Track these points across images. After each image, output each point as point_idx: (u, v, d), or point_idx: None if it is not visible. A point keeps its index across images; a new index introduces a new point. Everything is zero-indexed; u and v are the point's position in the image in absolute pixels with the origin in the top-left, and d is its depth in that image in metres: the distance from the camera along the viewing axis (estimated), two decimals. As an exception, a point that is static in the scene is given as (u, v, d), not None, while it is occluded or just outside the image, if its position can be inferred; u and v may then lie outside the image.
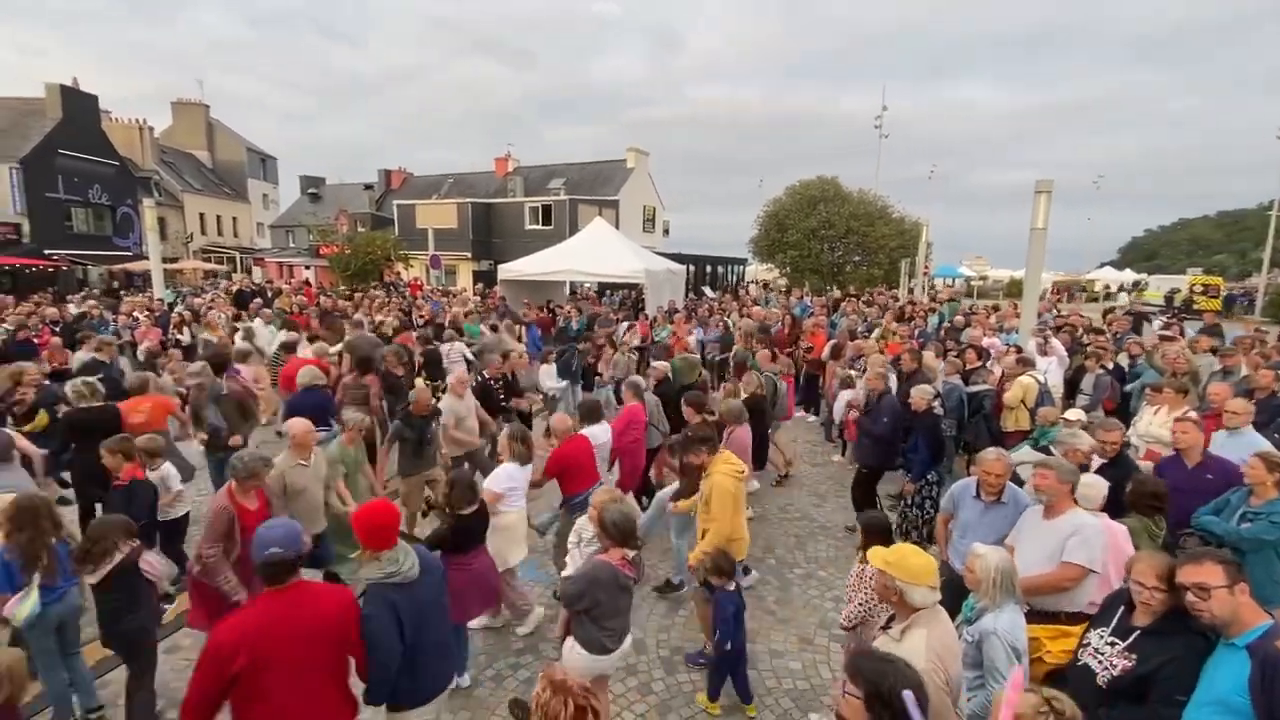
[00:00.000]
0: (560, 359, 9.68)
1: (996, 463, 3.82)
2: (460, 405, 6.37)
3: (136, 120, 37.05)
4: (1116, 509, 3.79)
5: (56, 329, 11.35)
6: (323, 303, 15.32)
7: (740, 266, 37.36)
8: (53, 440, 5.63)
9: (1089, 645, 2.70)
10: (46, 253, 26.30)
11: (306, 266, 37.18)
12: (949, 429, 6.77)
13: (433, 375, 8.31)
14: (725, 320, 13.09)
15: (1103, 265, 54.93)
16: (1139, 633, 2.52)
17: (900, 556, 2.57)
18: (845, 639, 3.81)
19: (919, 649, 2.38)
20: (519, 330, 12.28)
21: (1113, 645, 2.58)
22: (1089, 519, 3.39)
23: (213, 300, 16.80)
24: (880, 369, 6.84)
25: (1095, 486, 3.69)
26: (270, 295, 17.90)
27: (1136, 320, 14.17)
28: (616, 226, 22.86)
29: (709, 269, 33.13)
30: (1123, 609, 2.65)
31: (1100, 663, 2.59)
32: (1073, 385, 8.15)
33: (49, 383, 6.65)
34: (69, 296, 18.38)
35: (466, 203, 34.15)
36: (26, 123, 27.72)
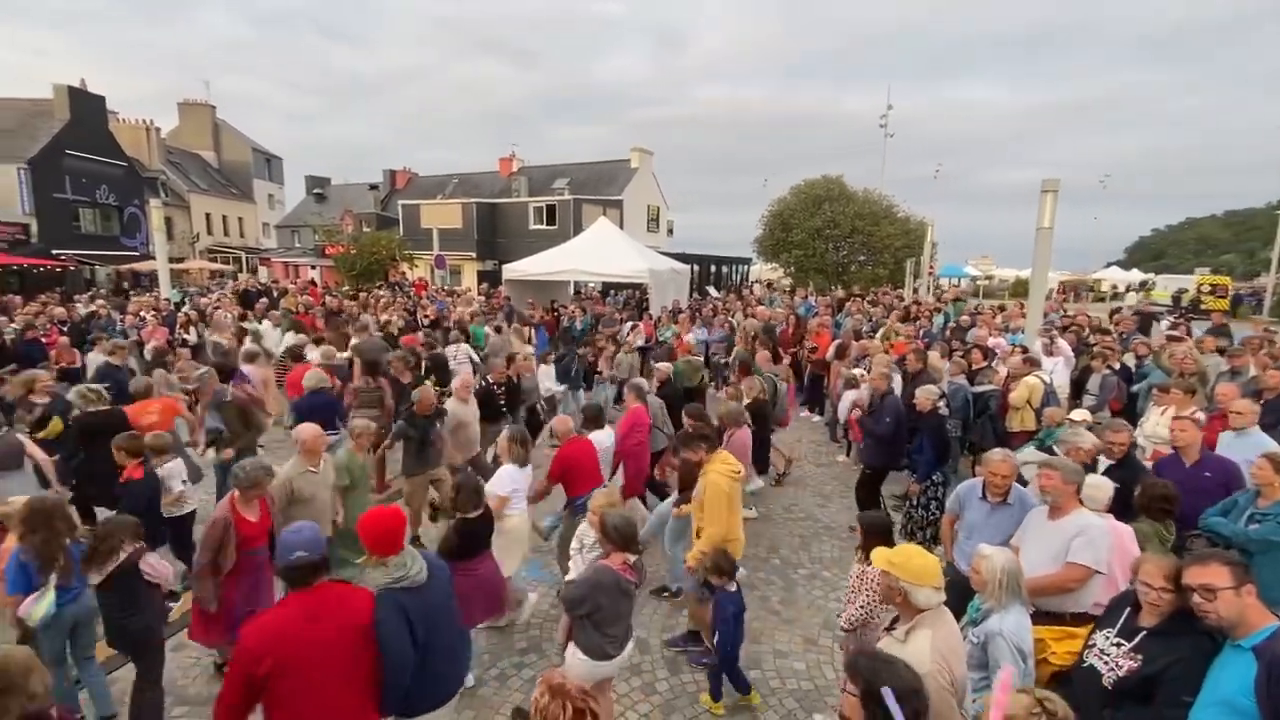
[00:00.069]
0: (559, 363, 9.69)
1: (1002, 464, 3.81)
2: (465, 410, 6.39)
3: (143, 121, 37.26)
4: (1125, 511, 3.77)
5: (64, 329, 11.42)
6: (328, 303, 15.36)
7: (744, 266, 37.32)
8: (64, 445, 5.62)
9: (1094, 646, 2.69)
10: (54, 253, 26.44)
11: (312, 266, 37.33)
12: (954, 429, 6.76)
13: (440, 380, 8.15)
14: (730, 320, 13.08)
15: (1109, 265, 54.49)
16: (1145, 633, 2.52)
17: (905, 557, 2.57)
18: (843, 639, 3.80)
19: (924, 650, 2.38)
20: (528, 332, 12.06)
21: (1119, 646, 2.58)
22: (1094, 519, 3.37)
23: (219, 300, 16.86)
24: (884, 368, 6.82)
25: (1101, 487, 3.68)
26: (276, 295, 17.97)
27: (1145, 320, 14.08)
28: (621, 226, 22.84)
29: (713, 269, 33.10)
30: (1129, 610, 2.64)
31: (1106, 664, 2.58)
32: (1079, 385, 8.11)
33: (59, 384, 6.67)
34: (76, 296, 18.47)
35: (471, 203, 34.19)
36: (35, 123, 27.89)
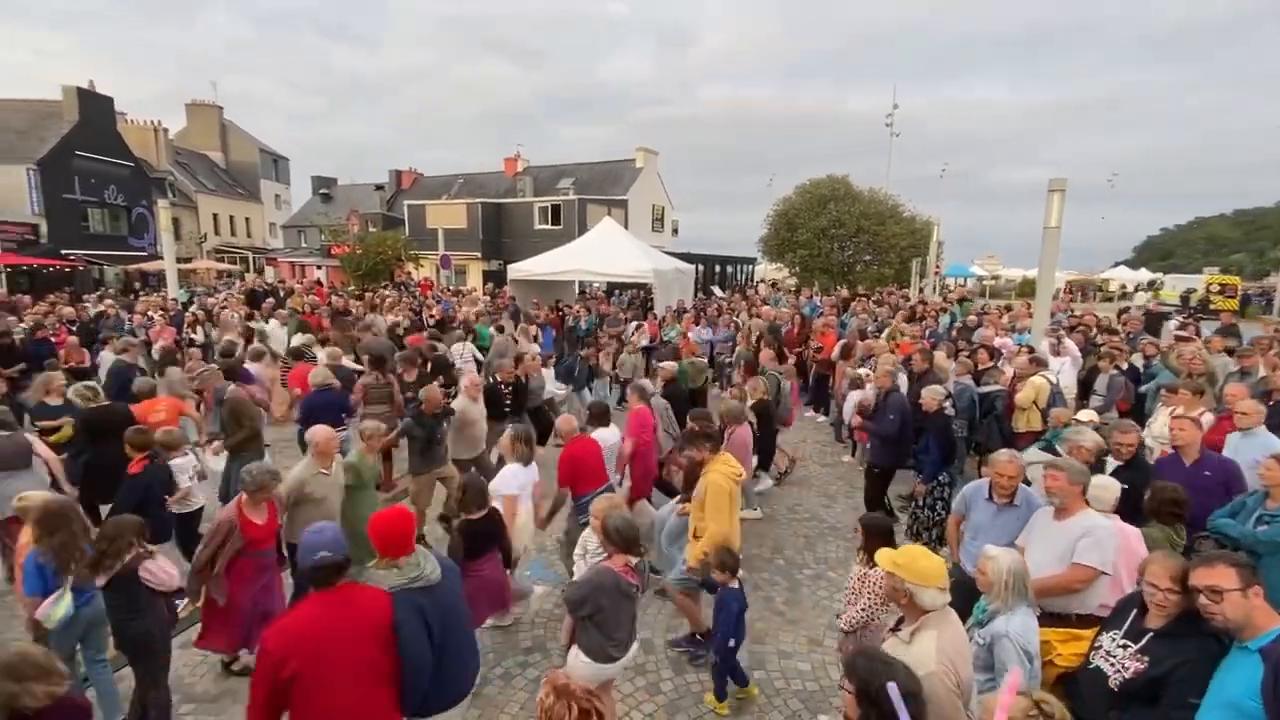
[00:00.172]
0: (561, 364, 9.71)
1: (1009, 464, 3.80)
2: (474, 408, 6.41)
3: (151, 122, 37.54)
4: (1135, 513, 3.75)
5: (73, 328, 11.51)
6: (334, 302, 15.43)
7: (749, 266, 37.29)
8: (71, 444, 5.67)
9: (1101, 648, 2.68)
10: (63, 253, 26.67)
11: (318, 266, 37.51)
12: (960, 430, 6.72)
13: (445, 381, 8.22)
14: (735, 320, 13.07)
15: (1117, 264, 54.18)
16: (1151, 635, 2.51)
17: (910, 558, 2.56)
18: (841, 640, 3.79)
19: (929, 652, 2.37)
20: (534, 331, 12.06)
21: (1125, 648, 2.57)
22: (1101, 520, 3.36)
23: (226, 300, 16.97)
24: (889, 366, 6.81)
25: (1108, 488, 3.65)
26: (283, 295, 18.05)
27: (1155, 320, 13.99)
28: (625, 226, 22.85)
29: (718, 268, 33.10)
30: (1135, 611, 2.63)
31: (1112, 665, 2.57)
32: (1086, 386, 8.05)
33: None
34: (85, 296, 18.60)
35: (476, 203, 34.29)
36: (44, 125, 28.13)
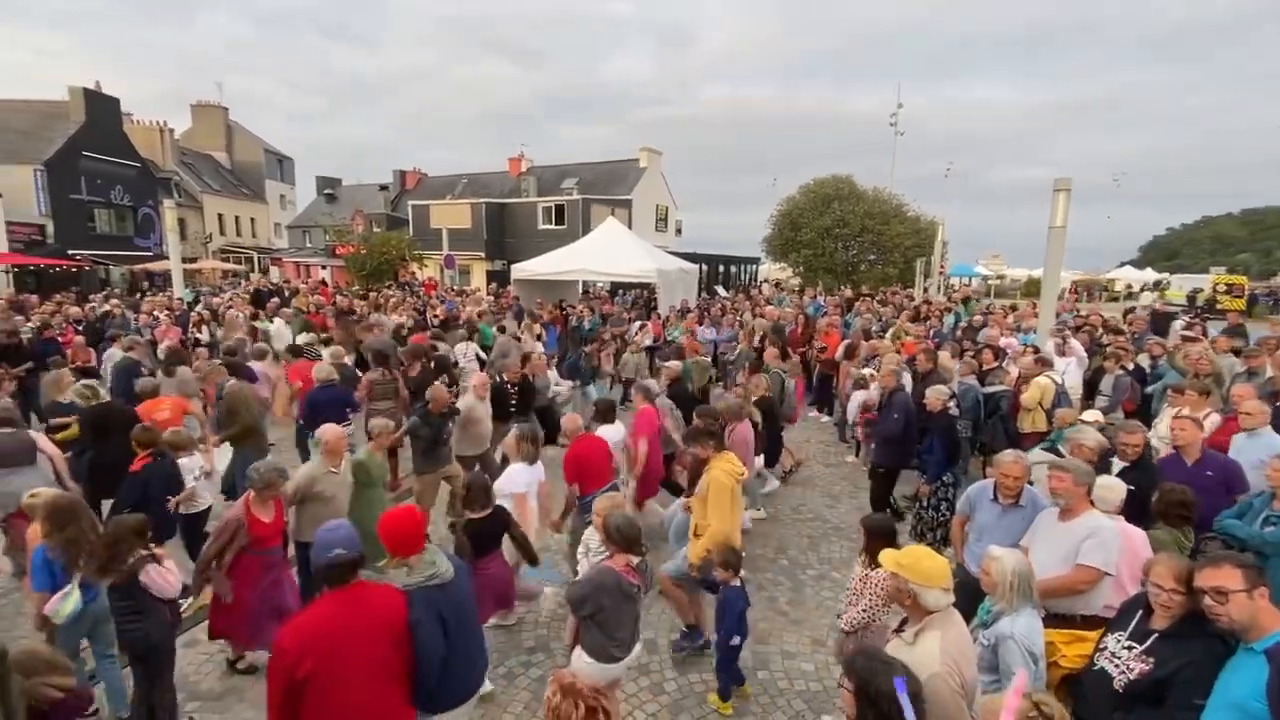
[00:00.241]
0: (564, 362, 9.72)
1: (1014, 465, 3.78)
2: (480, 407, 6.43)
3: (157, 122, 37.68)
4: (1142, 514, 3.73)
5: (80, 328, 11.57)
6: (339, 302, 15.48)
7: (753, 266, 37.23)
8: (76, 441, 5.71)
9: (1105, 649, 2.67)
10: (70, 253, 26.79)
11: (323, 266, 37.61)
12: (965, 430, 6.70)
13: (447, 381, 8.26)
14: (739, 320, 13.06)
15: (1123, 264, 54.00)
16: (1156, 636, 2.50)
17: (914, 559, 2.55)
18: (841, 640, 3.78)
19: (933, 652, 2.37)
20: (539, 330, 12.10)
21: (1130, 649, 2.56)
22: (1105, 521, 3.34)
23: (231, 300, 17.04)
24: (894, 366, 6.79)
25: (1113, 489, 3.63)
26: (287, 295, 18.13)
27: (1161, 320, 13.92)
28: (629, 226, 22.86)
29: (721, 268, 33.07)
30: (1140, 613, 2.62)
31: (1117, 666, 2.57)
32: (1092, 386, 8.03)
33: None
34: (91, 296, 18.70)
35: (480, 203, 34.31)
36: (50, 125, 28.28)
